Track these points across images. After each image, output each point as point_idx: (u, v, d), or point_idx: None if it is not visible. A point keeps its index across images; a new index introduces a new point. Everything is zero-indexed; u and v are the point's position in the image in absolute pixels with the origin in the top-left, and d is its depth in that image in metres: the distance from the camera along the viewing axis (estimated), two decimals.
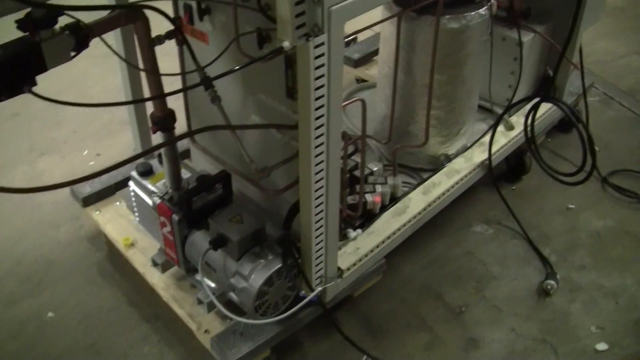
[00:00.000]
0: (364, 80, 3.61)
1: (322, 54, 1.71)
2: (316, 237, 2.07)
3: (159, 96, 2.03)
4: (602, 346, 2.52)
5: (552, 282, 2.70)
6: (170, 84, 1.98)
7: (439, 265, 2.83)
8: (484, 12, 2.51)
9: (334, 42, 1.71)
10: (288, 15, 1.59)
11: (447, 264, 2.84)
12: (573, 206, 3.16)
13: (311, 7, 1.61)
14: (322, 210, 2.02)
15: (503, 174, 3.24)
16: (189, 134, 2.21)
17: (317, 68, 1.72)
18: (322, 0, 1.61)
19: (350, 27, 1.86)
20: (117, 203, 2.80)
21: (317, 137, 1.84)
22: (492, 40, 2.87)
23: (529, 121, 2.70)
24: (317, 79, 1.74)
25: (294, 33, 1.61)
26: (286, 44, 1.63)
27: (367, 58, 3.77)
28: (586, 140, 2.51)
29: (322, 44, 1.69)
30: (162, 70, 2.03)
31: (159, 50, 2.00)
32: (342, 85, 1.84)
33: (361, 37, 3.85)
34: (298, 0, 1.58)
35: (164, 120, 2.11)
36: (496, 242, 2.95)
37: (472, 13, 2.48)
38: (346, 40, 3.75)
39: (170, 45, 2.15)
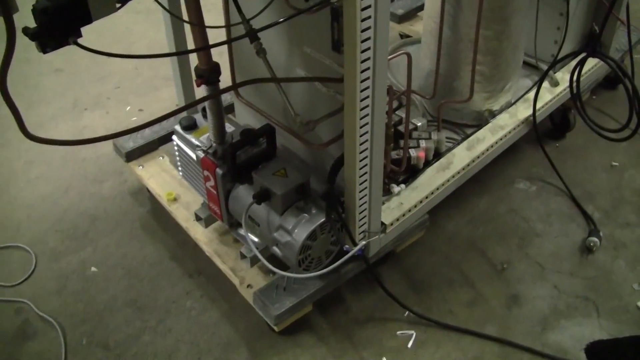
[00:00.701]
0: (408, 36, 3.58)
1: (369, 6, 1.69)
2: (360, 192, 2.06)
3: (204, 48, 2.02)
4: None
5: (595, 239, 2.67)
6: (215, 38, 1.97)
7: (482, 222, 2.82)
8: None
9: None
10: None
11: (490, 221, 2.82)
12: (617, 164, 3.12)
13: None
14: (366, 165, 2.01)
15: (547, 131, 3.21)
16: (235, 86, 2.20)
17: (363, 20, 1.70)
18: None
19: None
20: (161, 158, 2.81)
21: (362, 91, 1.83)
22: None
23: (575, 77, 2.66)
24: (363, 31, 1.72)
25: None
26: None
27: (412, 14, 3.74)
28: (632, 96, 2.47)
29: None
30: (206, 24, 2.03)
31: (203, 4, 1.99)
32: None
33: None
34: None
35: (209, 73, 2.10)
36: (539, 199, 2.93)
37: None
38: None
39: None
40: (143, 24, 4.04)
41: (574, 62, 2.74)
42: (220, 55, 2.16)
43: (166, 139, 2.82)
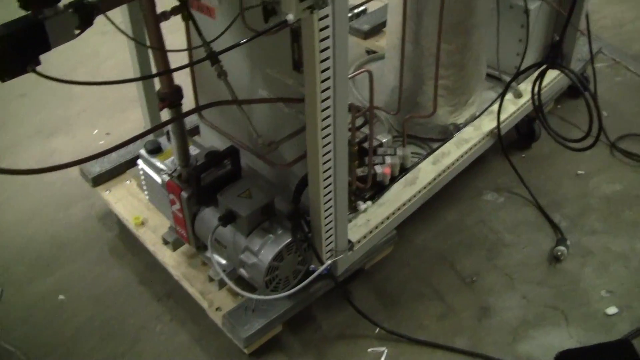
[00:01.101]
0: (374, 52, 3.59)
1: (327, 26, 1.70)
2: (325, 211, 2.06)
3: (164, 72, 2.02)
4: (612, 310, 2.51)
5: (563, 247, 2.69)
6: (180, 60, 1.97)
7: (450, 234, 2.83)
8: None
9: (338, 14, 1.70)
10: None
11: (458, 233, 2.83)
12: (583, 172, 3.14)
13: None
14: (330, 184, 2.01)
15: (513, 141, 3.23)
16: (196, 109, 2.19)
17: (322, 40, 1.71)
18: None
19: None
20: (128, 182, 2.80)
21: (323, 110, 1.83)
22: (499, 8, 2.84)
23: (536, 89, 2.68)
24: (322, 51, 1.73)
25: (298, 6, 1.60)
26: (290, 17, 1.61)
27: (377, 29, 3.74)
28: (592, 107, 2.49)
29: (327, 16, 1.68)
30: (170, 46, 2.03)
31: (168, 25, 1.99)
32: (353, 58, 1.83)
33: (371, 7, 3.82)
34: None
35: (171, 96, 2.10)
36: (507, 210, 2.94)
37: None
38: (356, 11, 3.73)
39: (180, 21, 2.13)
40: (110, 44, 4.02)
41: (536, 73, 2.76)
42: (187, 75, 2.16)
43: (133, 162, 2.80)
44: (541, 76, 2.62)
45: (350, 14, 3.52)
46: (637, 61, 3.95)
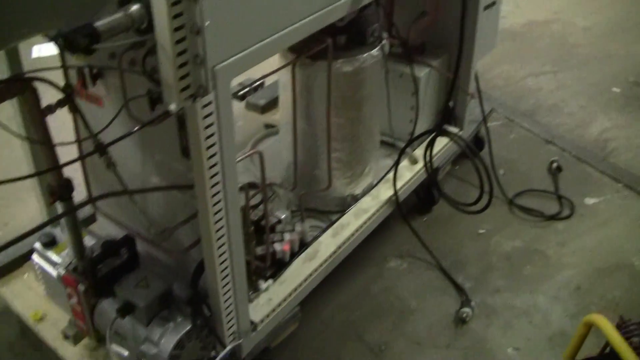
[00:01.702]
0: (272, 126, 3.62)
1: (211, 113, 1.71)
2: (224, 294, 2.05)
3: (52, 169, 2.00)
4: None
5: (468, 309, 2.74)
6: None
7: (356, 305, 2.84)
8: (376, 53, 2.55)
9: (221, 101, 1.72)
10: (172, 79, 1.59)
11: (364, 303, 2.85)
12: (483, 231, 3.22)
13: (195, 68, 1.62)
14: (227, 267, 2.01)
15: (413, 206, 3.28)
16: (87, 202, 2.18)
17: (206, 127, 1.72)
18: (205, 61, 1.62)
19: (251, 73, 1.88)
20: (25, 275, 2.73)
21: (214, 195, 1.84)
22: (388, 77, 2.91)
23: (428, 157, 2.75)
24: (207, 138, 1.74)
25: (180, 95, 1.62)
26: (173, 107, 1.63)
27: (274, 103, 3.76)
28: (482, 172, 2.57)
29: (210, 103, 1.70)
30: (63, 134, 2.01)
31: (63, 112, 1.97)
32: (250, 133, 1.84)
33: (268, 80, 3.85)
34: (181, 63, 1.59)
35: (60, 190, 2.08)
36: (412, 276, 2.98)
37: (365, 55, 2.51)
38: (252, 86, 3.75)
39: None
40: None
41: (427, 141, 2.83)
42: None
43: (30, 254, 2.74)
44: (432, 144, 2.69)
45: (247, 88, 3.55)
46: (530, 118, 4.10)
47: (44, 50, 4.32)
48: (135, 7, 1.63)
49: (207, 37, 1.60)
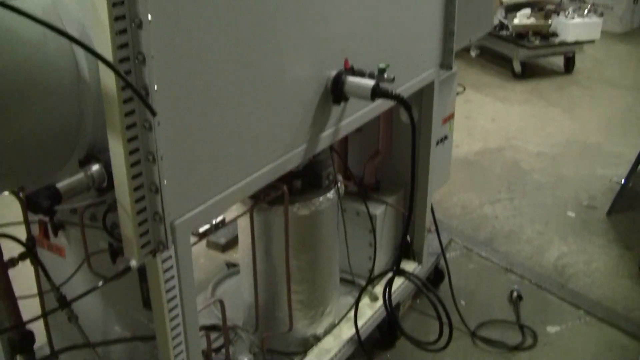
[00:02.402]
0: (234, 265, 3.63)
1: (171, 267, 1.75)
2: None
3: (13, 327, 2.01)
4: None
5: None
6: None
7: None
8: (331, 196, 2.63)
9: (181, 254, 1.77)
10: (132, 236, 1.64)
11: None
12: None
13: (154, 225, 1.67)
14: None
15: (376, 341, 3.29)
16: (49, 356, 2.18)
17: (167, 281, 1.76)
18: (163, 218, 1.67)
19: None
20: None
21: (175, 346, 1.86)
22: (345, 216, 2.98)
23: (387, 295, 2.79)
24: (168, 290, 1.77)
25: (140, 252, 1.66)
26: (133, 263, 1.67)
27: (235, 241, 3.79)
28: (440, 308, 2.62)
29: (170, 257, 1.74)
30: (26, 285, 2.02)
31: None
32: (211, 272, 1.87)
33: (228, 217, 3.90)
34: (141, 220, 1.64)
35: (21, 343, 2.08)
36: None
37: (320, 199, 2.59)
38: (212, 225, 3.79)
39: None
40: None
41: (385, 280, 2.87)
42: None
43: None
44: (390, 283, 2.74)
45: (208, 226, 3.60)
46: (488, 246, 4.17)
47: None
48: (95, 168, 1.70)
49: (166, 195, 1.66)
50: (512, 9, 7.53)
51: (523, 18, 7.30)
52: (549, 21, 7.23)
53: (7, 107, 1.53)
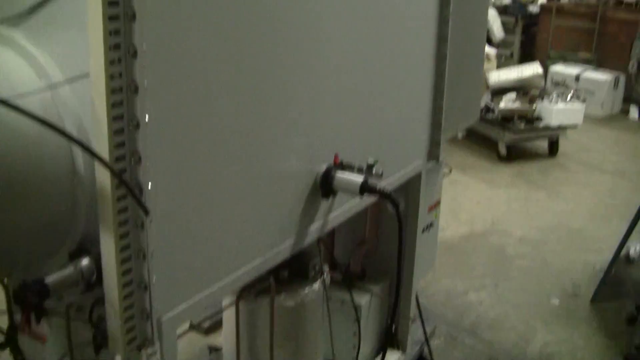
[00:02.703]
0: (216, 349, 3.60)
1: None
2: None
3: None
4: None
5: None
6: None
7: None
8: (317, 287, 2.63)
9: (166, 350, 1.75)
10: (119, 332, 1.63)
11: None
12: None
13: (141, 321, 1.66)
14: None
15: None
16: None
17: None
18: (150, 315, 1.66)
19: None
20: None
21: None
22: (330, 305, 2.97)
23: None
24: None
25: (126, 347, 1.65)
26: (118, 359, 1.66)
27: (219, 323, 3.72)
28: None
29: (155, 352, 1.73)
30: None
31: None
32: (193, 356, 1.85)
33: None
34: (128, 316, 1.63)
35: None
36: None
37: (306, 290, 2.59)
38: None
39: None
40: None
41: None
42: None
43: None
44: None
45: None
46: (472, 334, 4.16)
47: None
48: (85, 262, 1.70)
49: (154, 291, 1.66)
50: (498, 93, 7.67)
51: (509, 102, 7.42)
52: (534, 106, 7.35)
53: (1, 198, 1.54)
